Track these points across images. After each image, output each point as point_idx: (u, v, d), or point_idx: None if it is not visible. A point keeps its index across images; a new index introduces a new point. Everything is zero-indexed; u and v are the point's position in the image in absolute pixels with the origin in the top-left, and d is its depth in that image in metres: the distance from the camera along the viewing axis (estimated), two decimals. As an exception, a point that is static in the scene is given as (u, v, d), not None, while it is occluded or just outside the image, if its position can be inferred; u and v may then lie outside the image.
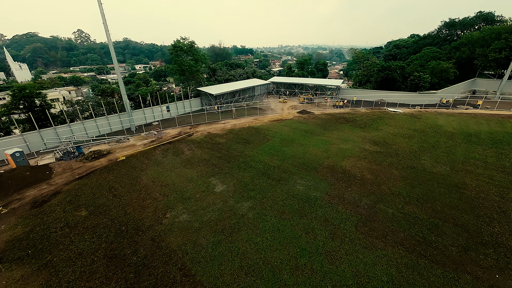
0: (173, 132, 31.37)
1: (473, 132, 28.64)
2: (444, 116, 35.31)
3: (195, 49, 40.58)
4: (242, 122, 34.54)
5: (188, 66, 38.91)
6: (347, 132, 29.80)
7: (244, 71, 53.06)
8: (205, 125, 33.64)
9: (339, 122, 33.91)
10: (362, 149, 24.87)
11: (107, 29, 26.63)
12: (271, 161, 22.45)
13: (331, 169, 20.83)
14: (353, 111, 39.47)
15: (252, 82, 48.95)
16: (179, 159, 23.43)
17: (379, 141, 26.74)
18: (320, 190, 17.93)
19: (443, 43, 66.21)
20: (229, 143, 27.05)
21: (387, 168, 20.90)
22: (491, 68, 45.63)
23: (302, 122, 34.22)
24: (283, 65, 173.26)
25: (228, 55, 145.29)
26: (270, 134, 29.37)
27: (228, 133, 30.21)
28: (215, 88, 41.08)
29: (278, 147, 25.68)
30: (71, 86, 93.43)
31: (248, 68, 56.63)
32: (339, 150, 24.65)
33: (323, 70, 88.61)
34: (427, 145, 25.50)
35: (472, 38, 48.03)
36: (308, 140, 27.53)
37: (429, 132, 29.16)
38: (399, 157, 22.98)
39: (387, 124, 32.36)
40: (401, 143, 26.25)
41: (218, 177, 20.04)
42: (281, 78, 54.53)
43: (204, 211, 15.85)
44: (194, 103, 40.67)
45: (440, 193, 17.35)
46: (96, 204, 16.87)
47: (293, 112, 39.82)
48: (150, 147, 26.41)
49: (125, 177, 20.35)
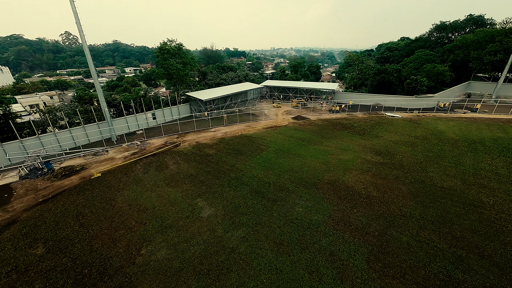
0: (158, 142, 28.49)
1: (477, 139, 27.00)
2: (443, 121, 33.75)
3: (183, 51, 37.82)
4: (234, 130, 31.98)
5: (175, 70, 36.06)
6: (346, 140, 27.68)
7: (236, 74, 50.56)
8: (194, 134, 30.89)
9: (337, 128, 31.81)
10: (364, 160, 22.73)
11: (81, 30, 23.64)
12: (265, 176, 19.97)
13: (332, 185, 18.52)
14: (350, 116, 37.53)
15: (245, 86, 46.49)
16: (162, 175, 20.63)
17: (381, 151, 24.69)
18: (322, 212, 15.56)
19: (435, 46, 65.72)
20: (219, 154, 24.43)
21: (393, 183, 18.75)
22: (486, 71, 44.78)
23: (298, 129, 31.94)
24: (276, 68, 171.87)
25: (221, 58, 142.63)
26: (264, 144, 26.92)
27: (218, 142, 27.58)
28: (205, 93, 38.40)
29: (273, 159, 23.24)
30: (56, 90, 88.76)
31: (240, 71, 54.17)
32: (340, 161, 22.42)
33: (316, 73, 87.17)
34: (432, 155, 23.60)
35: (466, 41, 47.15)
36: (305, 150, 25.22)
37: (432, 139, 27.36)
38: (404, 169, 20.92)
39: (387, 131, 30.47)
40: (405, 152, 24.28)
41: (206, 197, 17.39)
42: (275, 82, 52.36)
43: (187, 245, 13.19)
44: (182, 109, 37.83)
45: (457, 213, 15.26)
46: (58, 237, 13.95)
47: (288, 117, 37.54)
48: (131, 160, 23.48)
49: (98, 199, 17.43)
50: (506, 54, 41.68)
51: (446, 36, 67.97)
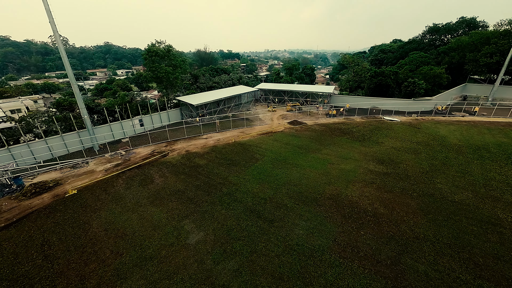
0: (145, 151, 26.15)
1: (481, 145, 25.70)
2: (444, 125, 32.50)
3: (173, 53, 35.56)
4: (227, 137, 29.90)
5: (164, 73, 33.75)
6: (345, 148, 25.96)
7: (230, 77, 48.49)
8: (184, 142, 28.65)
9: (335, 134, 30.11)
10: (367, 170, 21.00)
11: (56, 29, 21.21)
12: (261, 191, 17.97)
13: (335, 201, 16.67)
14: (348, 120, 35.96)
15: (238, 89, 44.49)
16: (146, 191, 18.38)
17: (384, 159, 23.04)
18: (325, 235, 13.65)
19: (429, 48, 65.22)
20: (210, 165, 22.31)
21: (400, 197, 17.03)
22: (482, 73, 44.08)
23: (295, 135, 30.10)
24: (270, 70, 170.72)
25: (214, 60, 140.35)
26: (260, 152, 24.94)
27: (210, 151, 25.45)
28: (197, 97, 36.19)
29: (269, 169, 21.27)
30: (44, 93, 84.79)
31: (233, 74, 52.06)
32: (341, 172, 20.62)
33: (310, 75, 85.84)
34: (437, 163, 22.07)
35: (462, 43, 46.41)
36: (304, 159, 23.35)
37: (435, 146, 25.93)
38: (410, 180, 19.27)
39: (387, 136, 28.94)
40: (408, 160, 22.69)
41: (194, 218, 15.27)
42: (269, 85, 50.52)
43: (170, 282, 11.06)
44: (172, 114, 35.50)
45: (474, 234, 13.59)
46: (15, 275, 11.60)
47: (284, 122, 35.69)
48: (112, 173, 21.12)
49: (69, 223, 15.09)
50: (502, 56, 40.99)
51: (439, 38, 67.61)
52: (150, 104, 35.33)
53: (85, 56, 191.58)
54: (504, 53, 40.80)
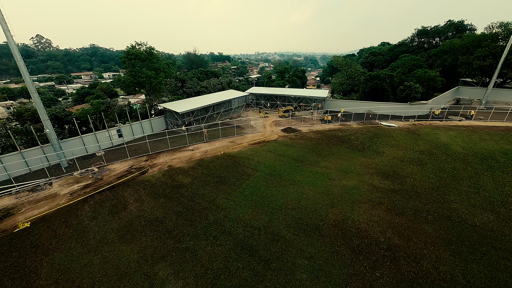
0: (121, 167, 22.76)
1: (486, 153, 23.92)
2: (443, 131, 30.79)
3: (155, 56, 32.23)
4: (216, 148, 26.89)
5: (145, 78, 30.38)
6: (345, 159, 23.53)
7: (219, 81, 45.45)
8: (167, 154, 25.41)
9: (332, 143, 27.69)
10: (371, 186, 18.57)
11: (7, 28, 17.64)
12: (254, 218, 15.14)
13: (340, 229, 14.06)
14: (344, 126, 33.73)
15: (228, 94, 41.55)
16: (116, 222, 15.15)
17: (388, 172, 20.73)
18: (334, 280, 10.97)
19: (419, 51, 64.66)
20: (196, 184, 19.26)
21: (415, 222, 14.62)
22: (475, 76, 43.16)
23: (289, 144, 27.46)
24: (261, 72, 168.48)
25: (205, 62, 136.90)
26: (252, 166, 22.10)
27: (196, 166, 22.37)
28: (182, 103, 32.96)
29: (263, 188, 18.47)
30: (22, 98, 78.62)
31: (223, 78, 48.94)
32: (343, 190, 18.09)
33: (301, 77, 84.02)
34: (446, 176, 19.95)
35: (454, 45, 45.44)
36: (301, 173, 20.70)
37: (439, 154, 23.93)
38: (421, 198, 16.96)
39: (387, 144, 26.79)
40: (414, 173, 20.47)
41: (172, 260, 12.23)
42: (261, 89, 47.82)
43: None
44: (156, 123, 32.10)
45: (509, 271, 11.27)
46: None
47: (277, 130, 33.02)
48: (79, 198, 17.71)
49: (11, 273, 11.70)
50: (495, 59, 40.11)
51: (428, 41, 67.24)
52: (135, 110, 31.86)
53: (70, 58, 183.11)
54: (497, 55, 39.93)
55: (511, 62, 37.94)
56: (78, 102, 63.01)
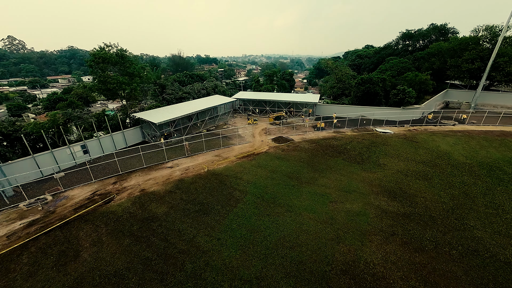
0: (82, 193, 18.60)
1: (491, 162, 22.06)
2: (440, 137, 28.98)
3: (129, 59, 28.02)
4: (199, 163, 23.27)
5: (116, 84, 26.15)
6: (345, 174, 20.75)
7: (203, 85, 41.63)
8: (141, 174, 21.46)
9: (328, 154, 24.91)
10: (379, 210, 15.81)
11: None
12: (244, 264, 11.80)
13: (352, 277, 11.04)
14: (338, 134, 31.17)
15: (214, 100, 37.92)
16: (60, 280, 11.23)
17: (394, 190, 18.12)
18: None
19: (404, 54, 64.16)
20: (172, 215, 15.62)
21: (439, 261, 11.90)
22: (464, 79, 42.38)
23: (282, 157, 24.36)
24: (248, 74, 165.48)
25: (190, 65, 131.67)
26: (240, 187, 18.75)
27: (174, 189, 18.68)
28: (161, 112, 28.97)
29: (254, 218, 15.17)
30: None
31: (208, 82, 44.92)
32: (348, 216, 15.18)
33: (289, 80, 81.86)
34: (457, 193, 17.63)
35: (442, 48, 44.55)
36: (297, 195, 17.62)
37: (443, 166, 21.77)
38: (438, 225, 14.37)
39: (387, 155, 24.39)
40: (423, 190, 18.00)
41: None
42: (249, 94, 44.50)
43: None
44: (131, 135, 27.86)
45: None
46: None
47: (267, 139, 29.86)
48: (17, 243, 13.53)
49: None
50: (482, 62, 39.39)
51: (412, 44, 67.04)
52: (112, 118, 27.44)
53: (46, 61, 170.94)
54: (484, 58, 39.25)
55: (499, 65, 37.21)
56: (49, 109, 56.80)
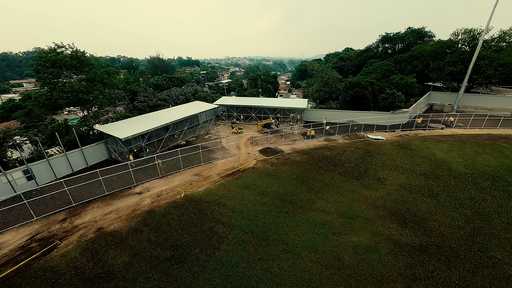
0: (16, 239, 13.97)
1: (491, 171, 20.51)
2: (432, 143, 27.47)
3: (88, 63, 23.19)
4: (175, 186, 19.34)
5: (71, 93, 21.30)
6: (344, 193, 17.98)
7: (182, 91, 37.30)
8: (100, 205, 17.10)
9: (323, 168, 22.10)
10: (391, 242, 13.10)
11: None
12: None
13: None
14: (330, 142, 28.65)
15: (193, 107, 33.87)
16: None
17: (402, 212, 15.61)
18: None
19: (385, 56, 64.16)
20: (134, 268, 11.70)
21: (478, 318, 9.26)
22: (447, 81, 42.14)
23: (272, 173, 21.12)
24: (232, 77, 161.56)
25: (171, 68, 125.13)
26: (224, 218, 15.20)
27: (140, 225, 14.67)
28: (130, 124, 24.49)
29: (242, 266, 11.73)
30: None
31: (187, 87, 40.34)
32: (357, 255, 12.27)
33: (274, 83, 79.32)
34: (469, 213, 15.50)
35: (424, 51, 44.14)
36: (293, 225, 14.46)
37: (445, 177, 19.82)
38: (462, 261, 11.90)
39: (384, 166, 22.10)
40: (433, 211, 15.67)
41: None
42: (233, 100, 40.77)
43: None
44: (93, 152, 23.11)
45: None
46: None
47: (254, 151, 26.52)
48: None
49: None
50: (463, 65, 39.21)
51: (392, 47, 67.42)
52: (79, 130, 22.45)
53: (9, 63, 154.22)
54: (465, 61, 39.08)
55: (480, 68, 37.10)
56: (3, 119, 49.06)
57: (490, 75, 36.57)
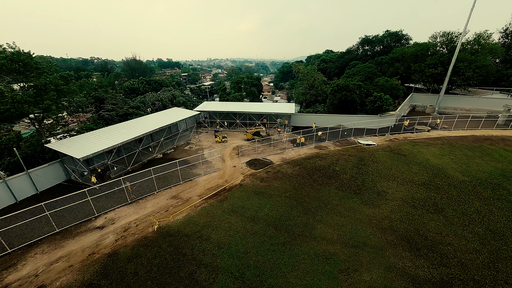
0: None
1: (488, 178, 19.56)
2: (423, 148, 26.53)
3: (37, 66, 18.83)
4: (147, 214, 15.89)
5: (11, 104, 16.89)
6: (344, 213, 15.76)
7: (157, 96, 33.29)
8: (47, 249, 13.23)
9: (317, 181, 19.84)
10: (407, 278, 10.98)
11: None
12: None
13: None
14: (321, 150, 26.63)
15: (171, 115, 30.16)
16: None
17: (411, 234, 13.68)
18: None
19: (366, 58, 64.48)
20: None
21: None
22: (428, 83, 42.38)
23: (262, 191, 18.41)
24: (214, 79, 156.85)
25: (150, 70, 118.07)
26: (207, 259, 12.19)
27: (98, 278, 11.18)
28: (93, 138, 20.41)
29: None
30: None
31: (163, 92, 35.89)
32: (374, 302, 9.92)
33: (257, 85, 76.95)
34: (482, 231, 13.96)
35: (405, 54, 44.15)
36: (292, 263, 11.85)
37: (445, 188, 18.45)
38: (492, 299, 10.04)
39: (382, 177, 20.37)
40: (444, 232, 13.93)
41: None
42: (216, 105, 37.34)
43: None
44: (45, 175, 18.75)
45: None
46: None
47: (241, 164, 23.64)
48: None
49: None
50: (443, 67, 39.51)
51: (372, 49, 68.07)
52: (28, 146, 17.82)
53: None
54: (445, 63, 39.41)
55: (459, 70, 37.47)
56: None
57: (469, 77, 37.02)
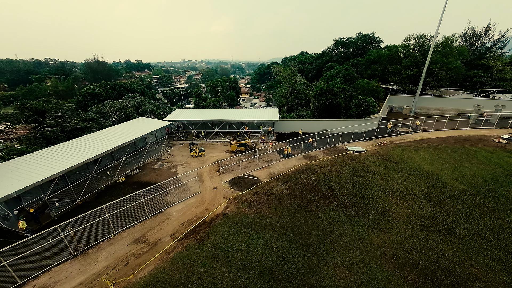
0: None
1: (484, 185, 18.62)
2: (412, 152, 25.51)
3: None
4: (97, 273, 11.49)
5: None
6: (352, 245, 13.10)
7: (119, 105, 27.91)
8: None
9: (314, 203, 17.05)
10: None
11: None
12: None
13: None
14: (311, 161, 24.09)
15: (136, 127, 25.24)
16: None
17: (432, 270, 11.44)
18: None
19: (342, 60, 64.72)
20: None
21: None
22: (404, 84, 42.84)
23: (251, 222, 15.02)
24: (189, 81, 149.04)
25: (116, 72, 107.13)
26: None
27: None
28: (20, 168, 15.14)
29: None
30: None
31: (125, 100, 29.80)
32: None
33: (235, 87, 73.34)
34: (502, 255, 12.28)
35: (382, 56, 44.23)
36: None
37: (447, 200, 16.96)
38: None
39: (381, 191, 18.35)
40: (465, 260, 11.96)
41: None
42: (190, 113, 32.61)
43: None
44: None
45: None
46: None
47: (222, 185, 19.94)
48: None
49: None
50: (418, 68, 40.06)
51: (346, 51, 68.71)
52: None
53: None
54: (419, 65, 39.98)
55: (433, 71, 38.14)
56: None
57: (442, 78, 37.84)
